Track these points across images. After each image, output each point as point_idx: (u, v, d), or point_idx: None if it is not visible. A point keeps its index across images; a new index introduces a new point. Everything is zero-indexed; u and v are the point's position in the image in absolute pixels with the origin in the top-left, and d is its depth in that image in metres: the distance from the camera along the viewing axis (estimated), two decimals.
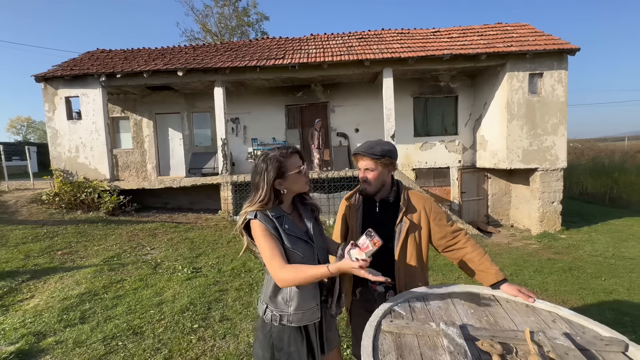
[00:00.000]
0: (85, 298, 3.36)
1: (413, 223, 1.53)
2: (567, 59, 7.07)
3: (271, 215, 1.24)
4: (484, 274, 1.47)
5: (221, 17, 19.18)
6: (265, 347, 1.29)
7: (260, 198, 1.24)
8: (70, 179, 7.45)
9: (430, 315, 1.25)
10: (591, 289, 4.09)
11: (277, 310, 1.26)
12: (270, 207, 1.25)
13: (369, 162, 1.50)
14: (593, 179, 12.07)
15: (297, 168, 1.26)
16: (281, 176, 1.25)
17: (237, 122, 8.96)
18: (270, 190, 1.24)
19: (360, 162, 1.55)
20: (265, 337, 1.29)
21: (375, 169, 1.51)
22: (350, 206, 1.66)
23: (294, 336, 1.27)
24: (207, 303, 3.31)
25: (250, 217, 1.23)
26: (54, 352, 2.45)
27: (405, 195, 1.57)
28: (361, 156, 1.52)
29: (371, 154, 1.49)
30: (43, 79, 7.49)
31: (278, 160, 1.25)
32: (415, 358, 1.00)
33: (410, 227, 1.52)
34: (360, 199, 1.64)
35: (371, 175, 1.52)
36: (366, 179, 1.53)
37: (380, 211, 1.59)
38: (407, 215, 1.53)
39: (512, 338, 1.07)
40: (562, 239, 6.82)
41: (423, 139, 8.73)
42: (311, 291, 1.28)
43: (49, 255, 4.58)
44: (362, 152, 1.51)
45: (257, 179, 1.25)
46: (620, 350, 1.00)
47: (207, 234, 6.04)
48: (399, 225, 1.52)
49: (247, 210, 1.26)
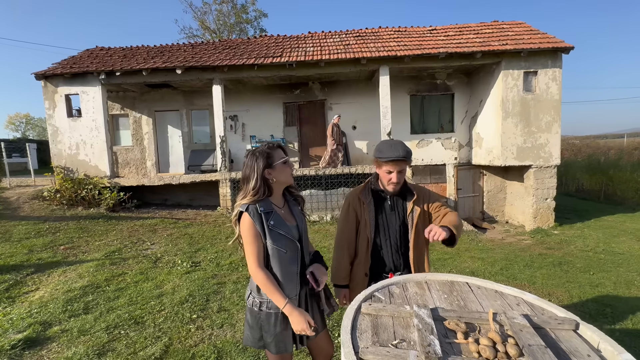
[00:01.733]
0: (88, 290, 3.49)
1: (422, 210, 1.72)
2: (561, 58, 7.15)
3: (260, 210, 1.35)
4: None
5: (220, 14, 19.16)
6: (254, 328, 1.42)
7: (252, 187, 1.37)
8: (70, 175, 7.56)
9: (407, 300, 1.37)
10: (578, 282, 4.23)
11: (258, 298, 1.41)
12: (261, 196, 1.38)
13: (402, 164, 1.62)
14: (589, 176, 12.20)
15: (283, 159, 1.40)
16: (269, 166, 1.39)
17: (236, 119, 9.05)
18: (261, 179, 1.37)
19: (393, 167, 1.62)
20: (254, 319, 1.42)
21: (405, 170, 1.68)
22: (361, 200, 1.76)
23: (280, 319, 1.39)
24: (205, 295, 3.44)
25: (242, 209, 1.36)
26: (60, 339, 2.58)
27: (412, 187, 1.75)
28: (398, 162, 1.60)
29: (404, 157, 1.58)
30: (43, 76, 7.56)
31: (266, 152, 1.41)
32: (389, 335, 1.12)
33: (421, 215, 1.70)
34: (370, 194, 1.76)
35: (402, 176, 1.66)
36: (398, 180, 1.65)
37: (391, 204, 1.74)
38: (417, 204, 1.71)
39: (477, 318, 1.19)
40: (555, 234, 6.96)
41: (420, 136, 8.83)
42: (291, 284, 1.41)
43: (52, 250, 4.71)
44: (402, 157, 1.59)
45: (248, 171, 1.39)
46: (571, 329, 1.12)
47: (206, 230, 6.16)
48: (411, 214, 1.69)
49: (240, 202, 1.39)
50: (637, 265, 5.00)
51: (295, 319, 1.33)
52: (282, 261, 1.40)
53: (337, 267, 1.83)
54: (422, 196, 1.74)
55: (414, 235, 1.69)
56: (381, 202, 1.75)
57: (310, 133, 9.12)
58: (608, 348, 1.01)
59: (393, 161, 1.62)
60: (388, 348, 1.04)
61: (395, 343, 1.07)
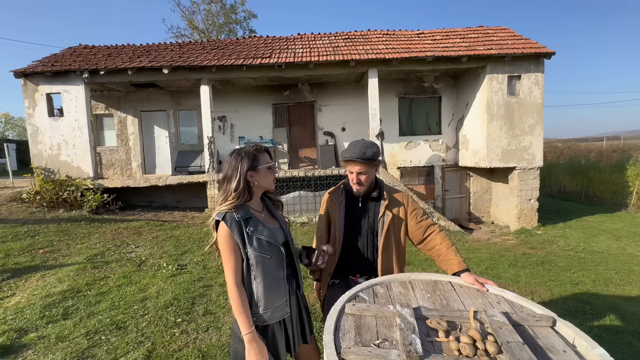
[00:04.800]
0: (68, 295, 3.37)
1: (395, 216, 1.65)
2: (543, 63, 7.37)
3: (237, 217, 1.27)
4: (449, 263, 1.60)
5: (208, 13, 18.98)
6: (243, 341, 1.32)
7: (233, 188, 1.29)
8: (51, 177, 7.32)
9: (391, 300, 1.37)
10: (559, 281, 4.34)
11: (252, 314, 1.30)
12: (242, 200, 1.31)
13: (362, 166, 1.58)
14: (570, 178, 12.59)
15: (268, 164, 1.35)
16: (254, 168, 1.32)
17: (224, 120, 8.96)
18: (244, 181, 1.30)
19: (352, 167, 1.61)
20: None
21: (368, 172, 1.61)
22: (333, 201, 1.74)
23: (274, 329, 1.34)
24: (191, 298, 3.37)
25: (218, 218, 1.27)
26: (36, 347, 2.48)
27: (387, 191, 1.69)
28: (354, 162, 1.59)
29: (364, 159, 1.56)
30: (23, 74, 7.31)
31: (252, 153, 1.34)
32: (372, 335, 1.12)
33: (392, 220, 1.64)
34: (343, 194, 1.73)
35: (364, 178, 1.61)
36: (360, 181, 1.62)
37: (362, 206, 1.69)
38: (389, 209, 1.65)
39: (458, 317, 1.20)
40: (538, 234, 7.14)
41: (408, 138, 8.93)
42: (279, 290, 1.34)
43: (30, 253, 4.53)
44: (356, 158, 1.57)
45: (230, 171, 1.31)
46: (548, 325, 1.15)
47: (193, 232, 6.06)
48: (382, 219, 1.63)
49: (219, 208, 1.30)
50: (615, 264, 5.18)
51: (252, 350, 1.23)
52: (266, 268, 1.31)
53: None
54: (396, 202, 1.68)
55: (383, 241, 1.63)
56: (353, 204, 1.71)
57: (299, 134, 9.11)
58: (583, 343, 1.03)
59: (347, 161, 1.62)
60: (370, 348, 1.04)
61: (378, 343, 1.07)
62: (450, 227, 7.25)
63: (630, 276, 4.58)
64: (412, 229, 1.68)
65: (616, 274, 4.65)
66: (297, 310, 1.46)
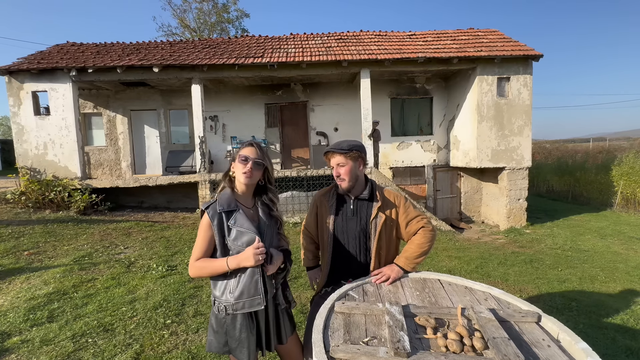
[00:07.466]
0: (54, 297, 3.29)
1: (387, 217, 1.62)
2: (532, 65, 7.52)
3: (219, 209, 1.36)
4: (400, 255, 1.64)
5: (200, 12, 18.81)
6: (219, 333, 1.38)
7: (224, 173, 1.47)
8: (37, 177, 7.15)
9: (380, 298, 1.38)
10: (547, 278, 4.43)
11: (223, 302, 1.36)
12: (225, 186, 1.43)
13: (339, 157, 1.58)
14: (558, 178, 12.85)
15: (242, 157, 1.40)
16: (234, 160, 1.44)
17: (216, 120, 8.88)
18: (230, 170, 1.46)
19: (332, 160, 1.62)
20: (219, 323, 1.38)
21: (346, 163, 1.58)
22: (324, 202, 1.72)
23: (245, 324, 1.36)
24: (181, 299, 3.33)
25: (203, 207, 1.39)
26: (19, 351, 2.41)
27: (380, 192, 1.65)
28: (331, 153, 1.61)
29: (339, 149, 1.57)
30: (7, 72, 7.12)
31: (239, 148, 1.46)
32: (361, 333, 1.12)
33: (385, 222, 1.61)
34: (334, 196, 1.70)
35: (343, 170, 1.59)
36: (339, 174, 1.60)
37: (353, 208, 1.65)
38: (381, 210, 1.61)
39: (446, 314, 1.21)
40: (527, 233, 7.27)
41: (400, 139, 9.00)
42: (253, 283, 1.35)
43: (15, 255, 4.41)
44: (331, 149, 1.60)
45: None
46: (534, 321, 1.17)
47: (184, 233, 5.98)
48: (374, 221, 1.60)
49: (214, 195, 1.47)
50: (600, 262, 5.30)
51: (243, 258, 1.30)
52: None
53: (305, 252, 1.89)
54: (389, 203, 1.65)
55: (376, 244, 1.59)
56: (344, 206, 1.68)
57: (292, 134, 9.09)
58: (567, 338, 1.05)
59: (325, 155, 1.65)
60: (359, 345, 1.04)
61: (367, 340, 1.08)
62: (442, 227, 7.32)
63: (615, 273, 4.69)
64: (403, 230, 1.66)
65: (601, 272, 4.76)
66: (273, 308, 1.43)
